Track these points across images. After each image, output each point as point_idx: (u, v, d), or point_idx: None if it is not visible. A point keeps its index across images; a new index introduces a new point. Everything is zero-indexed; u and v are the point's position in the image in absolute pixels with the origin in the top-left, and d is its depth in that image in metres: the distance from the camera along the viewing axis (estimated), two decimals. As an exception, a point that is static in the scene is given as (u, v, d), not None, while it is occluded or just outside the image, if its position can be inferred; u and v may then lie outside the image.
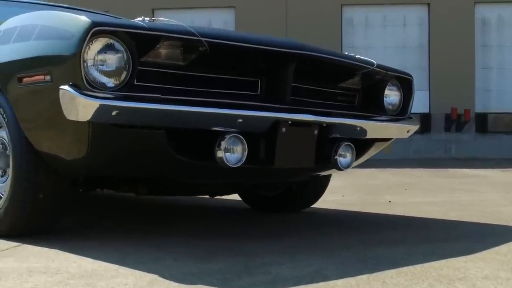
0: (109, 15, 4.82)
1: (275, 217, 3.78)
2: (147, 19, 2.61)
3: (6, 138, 2.86)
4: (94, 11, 4.92)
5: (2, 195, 2.94)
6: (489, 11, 15.13)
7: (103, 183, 3.10)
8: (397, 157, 11.67)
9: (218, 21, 15.50)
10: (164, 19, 2.73)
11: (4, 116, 2.78)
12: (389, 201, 4.77)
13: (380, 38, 15.18)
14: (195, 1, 15.45)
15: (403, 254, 2.53)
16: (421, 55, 15.11)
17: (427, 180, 7.39)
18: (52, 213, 2.87)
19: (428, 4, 15.10)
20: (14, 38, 2.71)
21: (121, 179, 3.01)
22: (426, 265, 2.31)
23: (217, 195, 3.54)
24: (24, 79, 2.58)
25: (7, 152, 2.90)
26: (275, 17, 15.20)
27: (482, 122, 14.82)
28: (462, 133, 14.70)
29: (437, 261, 2.37)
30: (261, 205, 4.07)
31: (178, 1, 15.49)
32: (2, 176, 2.98)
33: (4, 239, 2.78)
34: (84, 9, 4.85)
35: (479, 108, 14.91)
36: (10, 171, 2.80)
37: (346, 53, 3.31)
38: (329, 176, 3.83)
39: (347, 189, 5.64)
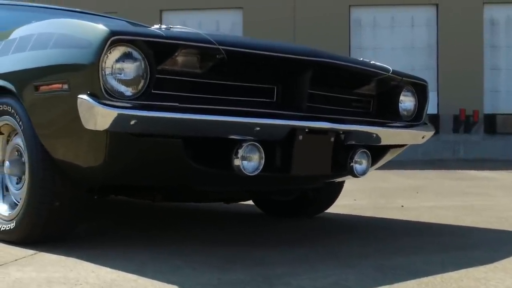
0: (126, 21, 4.83)
1: (288, 222, 3.77)
2: (163, 26, 2.60)
3: (22, 145, 2.86)
4: (110, 17, 4.90)
5: (18, 202, 2.94)
6: (497, 12, 15.09)
7: (118, 189, 3.09)
8: (406, 158, 11.61)
9: (226, 22, 15.51)
10: (180, 26, 2.72)
11: (20, 123, 2.78)
12: (402, 206, 4.75)
13: (388, 39, 15.16)
14: (202, 2, 15.45)
15: (421, 263, 2.52)
16: (429, 56, 15.08)
17: (437, 183, 7.37)
18: (68, 221, 2.86)
19: (437, 5, 15.07)
20: (31, 46, 2.71)
21: (137, 186, 3.00)
22: (446, 275, 2.29)
23: (232, 202, 3.53)
24: (41, 87, 2.58)
25: (23, 159, 2.90)
26: (283, 18, 15.19)
27: (491, 123, 14.78)
28: (470, 134, 14.67)
29: (456, 271, 2.35)
30: (274, 210, 4.06)
31: (186, 2, 15.49)
32: (17, 183, 2.99)
33: (20, 247, 2.78)
34: (103, 15, 4.85)
35: (487, 109, 14.88)
36: (26, 178, 2.80)
37: (361, 59, 3.29)
38: (342, 182, 3.82)
39: (358, 193, 5.62)
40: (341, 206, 4.41)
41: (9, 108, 2.85)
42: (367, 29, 15.32)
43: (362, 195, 5.53)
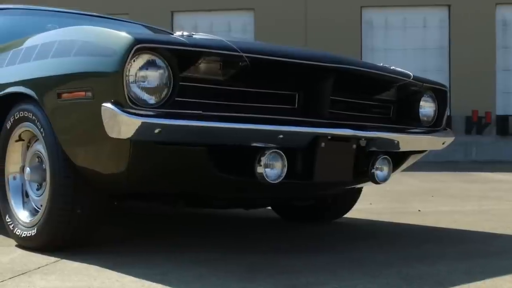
0: (142, 24, 4.83)
1: (307, 228, 3.76)
2: (186, 33, 2.59)
3: (42, 152, 2.86)
4: (128, 20, 4.90)
5: (39, 208, 2.94)
6: (510, 13, 15.04)
7: (139, 196, 3.08)
8: (418, 160, 11.58)
9: (237, 23, 15.52)
10: (202, 33, 2.71)
11: (41, 130, 2.77)
12: (419, 210, 4.73)
13: (400, 40, 15.12)
14: (214, 4, 15.46)
15: (446, 272, 2.50)
16: (441, 57, 15.03)
17: (452, 186, 7.33)
18: (88, 227, 2.86)
19: (449, 6, 15.03)
20: (53, 53, 2.70)
21: (158, 192, 2.99)
22: (472, 285, 2.27)
23: (252, 208, 3.52)
24: (64, 95, 2.58)
25: (43, 165, 2.90)
26: (294, 19, 15.18)
27: (503, 125, 14.71)
28: (482, 136, 14.61)
29: (482, 281, 2.33)
30: (292, 215, 4.04)
31: (197, 3, 15.50)
32: (38, 190, 2.98)
33: (41, 253, 2.78)
34: (120, 19, 4.85)
35: (500, 111, 14.82)
36: (47, 185, 2.80)
37: (381, 64, 3.27)
38: (361, 187, 3.80)
39: (373, 196, 5.59)
40: (358, 210, 4.38)
41: (30, 115, 2.85)
42: (378, 30, 15.29)
43: (377, 198, 5.50)
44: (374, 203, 5.12)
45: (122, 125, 2.27)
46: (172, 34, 4.88)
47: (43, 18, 4.46)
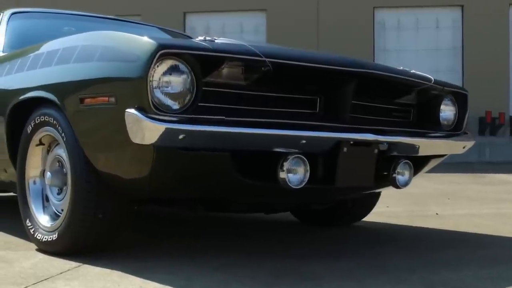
0: (157, 27, 4.83)
1: (326, 232, 3.75)
2: (208, 38, 2.59)
3: (63, 156, 2.86)
4: (147, 24, 4.91)
5: (59, 213, 2.94)
6: (523, 13, 14.94)
7: (159, 200, 3.07)
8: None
9: (249, 24, 15.51)
10: (223, 38, 2.70)
11: (63, 135, 2.77)
12: (436, 213, 4.71)
13: (413, 41, 15.06)
14: (226, 5, 15.45)
15: (471, 278, 2.48)
16: (454, 57, 14.96)
17: (468, 188, 7.29)
18: (110, 232, 2.86)
19: (462, 6, 14.96)
20: (75, 58, 2.70)
21: (178, 197, 2.99)
22: (498, 292, 2.26)
23: (272, 213, 3.50)
24: (86, 100, 2.57)
25: (64, 170, 2.90)
26: (307, 20, 15.15)
27: (517, 126, 14.63)
28: (496, 137, 14.53)
29: (508, 288, 2.32)
30: (310, 219, 4.03)
31: (210, 4, 15.50)
32: (58, 194, 2.99)
33: (63, 258, 2.78)
34: (143, 22, 4.85)
35: (513, 111, 14.73)
36: (68, 189, 2.79)
37: (401, 67, 3.25)
38: (380, 191, 3.78)
39: (390, 199, 5.56)
40: (375, 213, 4.36)
41: (51, 119, 2.85)
42: (391, 31, 15.24)
43: (394, 201, 5.47)
44: (391, 206, 5.10)
45: (146, 131, 2.26)
46: (191, 38, 4.91)
47: (60, 21, 4.47)
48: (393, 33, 15.22)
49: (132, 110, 2.28)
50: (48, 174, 2.97)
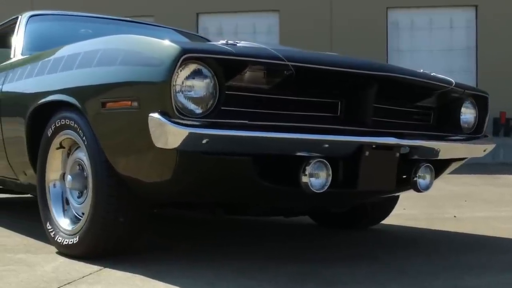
0: (172, 28, 4.83)
1: (344, 235, 3.74)
2: (230, 42, 2.58)
3: (84, 160, 2.86)
4: (162, 26, 4.90)
5: (80, 216, 2.94)
6: (538, 13, 14.84)
7: (179, 204, 3.07)
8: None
9: (262, 25, 15.50)
10: (245, 42, 2.68)
11: (84, 138, 2.77)
12: (454, 216, 4.68)
13: (426, 41, 15.00)
14: (239, 5, 15.45)
15: (494, 283, 2.47)
16: (468, 58, 14.89)
17: (484, 190, 7.25)
18: (131, 236, 2.86)
19: (476, 6, 14.88)
20: (97, 61, 2.70)
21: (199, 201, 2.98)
22: (524, 298, 2.23)
23: (292, 216, 3.50)
24: (108, 104, 2.57)
25: (85, 173, 2.90)
26: (320, 20, 15.13)
27: (532, 127, 14.53)
28: (510, 138, 14.43)
29: (534, 294, 2.29)
30: (328, 222, 4.02)
31: (222, 5, 15.50)
32: (79, 197, 2.99)
33: (83, 261, 2.78)
34: (158, 24, 4.86)
35: (528, 112, 14.63)
36: (89, 193, 2.79)
37: (421, 70, 3.23)
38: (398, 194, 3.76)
39: (406, 201, 5.51)
40: (393, 216, 4.33)
41: (71, 123, 2.85)
42: (404, 31, 15.18)
43: (410, 203, 5.43)
44: (407, 208, 5.08)
45: (169, 135, 2.26)
46: (208, 40, 4.91)
47: (77, 24, 4.49)
48: (407, 33, 15.17)
49: (156, 115, 2.28)
50: (68, 177, 2.97)
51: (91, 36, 3.83)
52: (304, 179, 2.51)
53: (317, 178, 2.54)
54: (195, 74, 2.33)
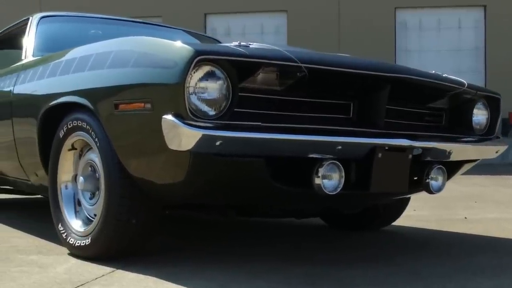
0: (184, 30, 4.83)
1: (356, 236, 3.73)
2: (243, 43, 2.58)
3: (96, 161, 2.86)
4: (172, 27, 4.91)
5: (92, 217, 2.95)
6: (547, 13, 14.79)
7: (190, 205, 3.07)
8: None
9: (270, 25, 15.49)
10: (257, 43, 2.68)
11: (96, 140, 2.77)
12: (465, 218, 4.66)
13: (435, 41, 14.97)
14: (247, 6, 15.45)
15: (508, 286, 2.45)
16: (476, 58, 14.85)
17: (493, 191, 7.23)
18: (143, 237, 2.86)
19: (484, 6, 14.84)
20: (109, 63, 2.70)
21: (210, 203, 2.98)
22: (539, 300, 2.22)
23: (303, 217, 3.49)
24: (121, 106, 2.57)
25: (97, 175, 2.90)
26: (328, 20, 15.12)
27: (540, 127, 14.48)
28: (519, 138, 14.39)
29: (549, 296, 2.28)
30: (339, 223, 4.01)
31: (230, 5, 15.51)
32: (91, 199, 2.99)
33: (95, 263, 2.78)
34: (168, 25, 4.86)
35: (536, 113, 14.57)
36: (101, 194, 2.80)
37: (433, 71, 3.22)
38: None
39: (415, 201, 5.50)
40: (402, 217, 4.32)
41: (83, 124, 2.86)
42: (413, 32, 15.15)
43: (420, 204, 5.42)
44: (417, 209, 5.07)
45: (183, 137, 2.25)
46: (218, 41, 4.91)
47: (88, 25, 4.50)
48: (415, 33, 15.14)
49: (169, 116, 2.28)
50: (81, 178, 2.97)
51: (101, 37, 3.86)
52: (317, 180, 2.51)
53: (330, 179, 2.54)
54: (209, 76, 2.33)
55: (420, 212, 4.92)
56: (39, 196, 4.57)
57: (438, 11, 14.97)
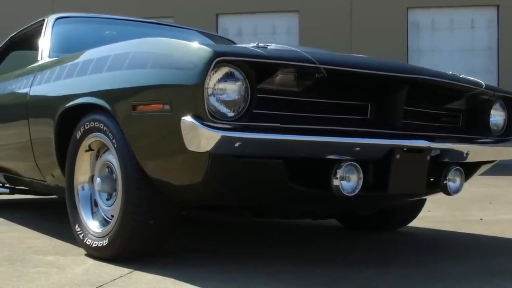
0: (197, 30, 4.83)
1: (371, 237, 3.72)
2: (261, 44, 2.57)
3: (113, 162, 2.87)
4: (186, 28, 4.91)
5: (109, 218, 2.95)
6: (560, 13, 14.70)
7: (207, 206, 3.06)
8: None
9: (282, 25, 15.48)
10: (274, 44, 2.68)
11: (113, 141, 2.78)
12: (481, 219, 4.64)
13: (447, 41, 14.90)
14: (258, 6, 15.44)
15: (529, 288, 2.44)
16: (489, 58, 14.78)
17: (507, 192, 7.21)
18: (160, 238, 2.86)
19: (497, 6, 14.76)
20: (127, 64, 2.70)
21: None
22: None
23: (320, 219, 3.49)
24: (139, 107, 2.57)
25: (114, 176, 2.90)
26: (339, 20, 15.09)
27: (553, 127, 14.38)
28: (532, 139, 14.30)
29: None
30: (355, 224, 4.00)
31: (242, 6, 15.50)
32: (108, 200, 2.99)
33: (113, 264, 2.78)
34: (181, 26, 4.87)
35: (550, 113, 14.49)
36: (118, 195, 2.80)
37: (450, 72, 3.20)
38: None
39: (429, 202, 5.47)
40: (418, 218, 4.30)
41: (101, 125, 2.86)
42: (425, 32, 15.09)
43: (434, 205, 5.40)
44: (432, 210, 5.04)
45: (202, 138, 2.25)
46: (233, 42, 4.91)
47: (103, 26, 4.51)
48: (427, 33, 15.08)
49: (188, 118, 2.28)
50: (98, 179, 2.97)
51: (116, 38, 3.86)
52: (335, 182, 2.50)
53: (348, 181, 2.53)
54: (227, 77, 2.33)
55: (434, 213, 4.90)
56: (53, 196, 4.59)
57: (450, 11, 14.90)
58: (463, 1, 14.81)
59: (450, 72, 3.21)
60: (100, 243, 2.87)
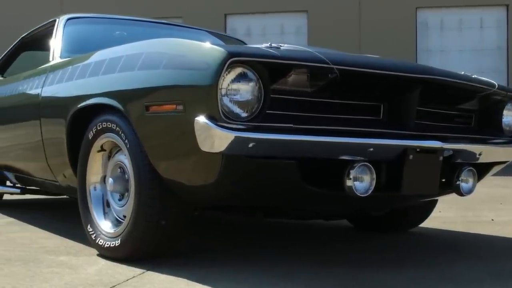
0: (206, 30, 4.83)
1: (383, 238, 3.71)
2: (274, 45, 2.57)
3: (126, 163, 2.87)
4: (196, 28, 4.91)
5: (121, 219, 2.95)
6: None
7: (219, 207, 3.06)
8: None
9: (290, 25, 15.48)
10: (287, 45, 2.67)
11: (126, 141, 2.78)
12: (492, 219, 4.62)
13: (456, 41, 14.87)
14: (267, 6, 15.45)
15: (543, 290, 2.43)
16: (499, 58, 14.73)
17: (518, 192, 7.18)
18: (172, 239, 2.86)
19: (507, 5, 14.72)
20: (140, 65, 2.70)
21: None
22: None
23: (332, 219, 3.48)
24: (152, 107, 2.57)
25: (126, 176, 2.91)
26: (348, 20, 15.07)
27: None
28: (541, 139, 14.26)
29: None
30: (366, 225, 3.99)
31: (251, 6, 15.51)
32: (120, 200, 2.99)
33: (125, 264, 2.79)
34: (191, 26, 4.87)
35: (559, 113, 14.43)
36: (130, 196, 2.80)
37: (463, 72, 3.19)
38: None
39: (440, 203, 5.45)
40: (429, 218, 4.29)
41: (113, 126, 2.86)
42: (434, 31, 15.06)
43: (445, 205, 5.38)
44: (443, 210, 5.03)
45: (215, 139, 2.25)
46: (244, 43, 4.90)
47: (114, 26, 4.51)
48: (436, 33, 15.05)
49: (202, 118, 2.28)
50: (110, 180, 2.97)
51: (127, 38, 3.87)
52: (349, 183, 2.50)
53: (361, 181, 2.52)
54: (241, 77, 2.32)
55: (445, 214, 4.88)
56: (63, 196, 4.60)
57: (459, 10, 14.87)
58: (472, 0, 14.78)
59: (462, 73, 3.20)
60: (113, 244, 2.87)
